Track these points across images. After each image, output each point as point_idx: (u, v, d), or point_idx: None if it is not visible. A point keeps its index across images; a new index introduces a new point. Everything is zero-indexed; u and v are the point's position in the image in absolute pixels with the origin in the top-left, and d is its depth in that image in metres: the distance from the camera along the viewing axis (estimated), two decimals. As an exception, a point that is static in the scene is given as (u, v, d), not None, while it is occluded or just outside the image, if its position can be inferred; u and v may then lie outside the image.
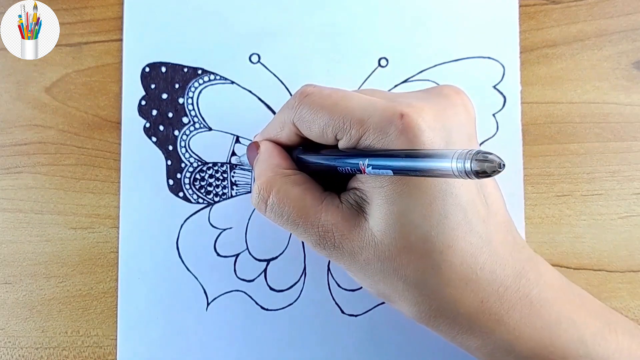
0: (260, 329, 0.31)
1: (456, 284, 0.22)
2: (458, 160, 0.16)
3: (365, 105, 0.22)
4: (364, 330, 0.30)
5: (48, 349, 0.31)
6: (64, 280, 0.31)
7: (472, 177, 0.16)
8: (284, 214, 0.24)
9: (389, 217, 0.22)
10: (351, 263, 0.23)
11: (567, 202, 0.31)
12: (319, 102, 0.23)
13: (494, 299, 0.22)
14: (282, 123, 0.25)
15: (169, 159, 0.32)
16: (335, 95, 0.23)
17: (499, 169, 0.15)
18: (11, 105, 0.32)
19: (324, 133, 0.23)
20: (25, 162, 0.32)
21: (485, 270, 0.22)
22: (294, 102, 0.24)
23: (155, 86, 0.32)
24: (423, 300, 0.23)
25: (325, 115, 0.23)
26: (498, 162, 0.15)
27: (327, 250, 0.24)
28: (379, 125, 0.21)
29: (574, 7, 0.31)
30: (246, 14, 0.32)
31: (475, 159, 0.16)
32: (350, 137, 0.22)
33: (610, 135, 0.31)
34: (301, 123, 0.24)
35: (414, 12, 0.32)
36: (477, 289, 0.22)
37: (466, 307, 0.22)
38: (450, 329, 0.23)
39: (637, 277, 0.30)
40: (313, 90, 0.24)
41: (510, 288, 0.22)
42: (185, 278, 0.31)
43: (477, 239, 0.22)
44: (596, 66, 0.31)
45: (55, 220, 0.32)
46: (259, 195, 0.25)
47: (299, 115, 0.24)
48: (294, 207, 0.24)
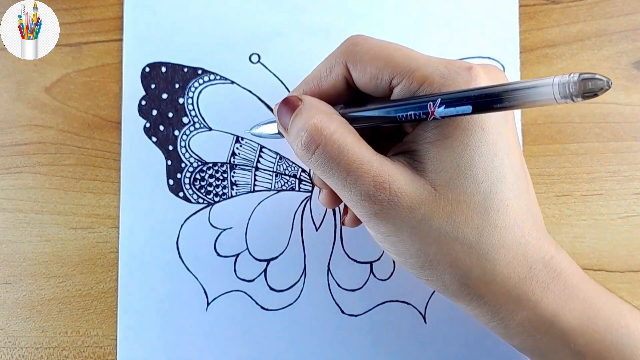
0: (260, 329, 0.31)
1: (510, 245, 0.22)
2: (560, 85, 0.16)
3: (427, 57, 0.22)
4: (364, 330, 0.30)
5: (48, 349, 0.31)
6: (64, 280, 0.31)
7: (576, 99, 0.16)
8: (337, 158, 0.21)
9: (452, 170, 0.21)
10: (404, 221, 0.22)
11: (567, 202, 0.31)
12: (377, 45, 0.23)
13: (541, 266, 0.22)
14: (330, 66, 0.24)
15: (169, 159, 0.32)
16: (392, 43, 0.23)
17: (607, 87, 0.16)
18: (11, 105, 0.32)
19: (377, 77, 0.22)
20: (25, 162, 0.32)
21: (532, 236, 0.22)
22: (348, 44, 0.23)
23: (156, 86, 0.32)
24: (477, 263, 0.22)
25: (383, 57, 0.22)
26: (606, 80, 0.16)
27: (378, 205, 0.21)
28: (446, 73, 0.21)
29: (574, 7, 0.31)
30: (246, 14, 0.32)
31: (582, 79, 0.16)
32: (412, 82, 0.21)
33: (610, 135, 0.31)
34: (355, 64, 0.23)
35: (414, 12, 0.32)
36: (526, 254, 0.22)
37: (516, 272, 0.22)
38: (496, 300, 0.22)
39: (637, 277, 0.30)
40: (367, 37, 0.23)
41: (554, 258, 0.22)
42: (185, 278, 0.31)
43: (525, 205, 0.22)
44: (596, 66, 0.31)
45: (55, 220, 0.32)
46: (310, 135, 0.22)
47: (353, 56, 0.23)
48: (349, 150, 0.21)
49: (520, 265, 0.22)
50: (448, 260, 0.22)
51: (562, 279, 0.22)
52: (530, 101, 0.18)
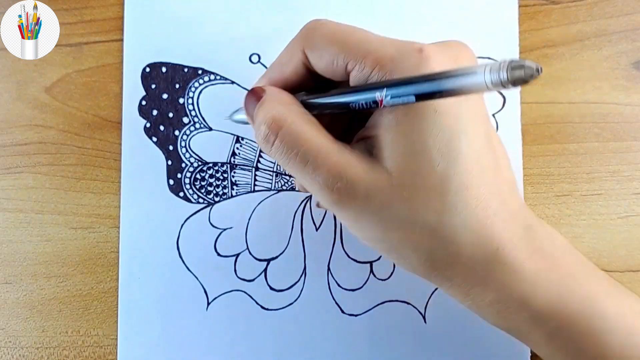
0: (260, 329, 0.31)
1: (473, 227, 0.21)
2: (492, 72, 0.16)
3: (381, 40, 0.22)
4: (364, 330, 0.31)
5: (48, 349, 0.31)
6: (64, 280, 0.31)
7: (507, 87, 0.16)
8: (295, 148, 0.22)
9: (407, 155, 0.21)
10: (363, 209, 0.22)
11: (566, 202, 0.31)
12: (332, 29, 0.23)
13: (510, 248, 0.21)
14: (290, 54, 0.24)
15: (170, 158, 0.32)
16: (347, 26, 0.23)
17: (537, 73, 0.15)
18: (11, 105, 0.32)
19: (334, 63, 0.22)
20: (26, 162, 0.32)
21: (499, 216, 0.21)
22: (306, 30, 0.23)
23: (156, 86, 0.32)
24: (440, 246, 0.21)
25: (337, 43, 0.22)
26: (535, 67, 0.15)
27: (337, 194, 0.21)
28: (396, 56, 0.21)
29: (574, 7, 0.32)
30: (246, 14, 0.32)
31: (512, 67, 0.15)
32: (364, 66, 0.21)
33: (609, 135, 0.31)
34: (312, 50, 0.23)
35: (413, 12, 0.32)
36: (493, 235, 0.21)
37: (482, 254, 0.21)
38: (464, 281, 0.22)
39: (637, 276, 0.30)
40: (325, 21, 0.23)
41: (524, 239, 0.22)
42: (185, 278, 0.31)
43: (489, 186, 0.22)
44: (596, 66, 0.31)
45: (56, 220, 0.32)
46: (269, 128, 0.22)
47: (310, 41, 0.23)
48: (306, 141, 0.22)
49: (486, 246, 0.21)
50: (411, 245, 0.22)
51: (533, 261, 0.22)
52: (465, 89, 0.17)
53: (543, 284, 0.22)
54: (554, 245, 0.23)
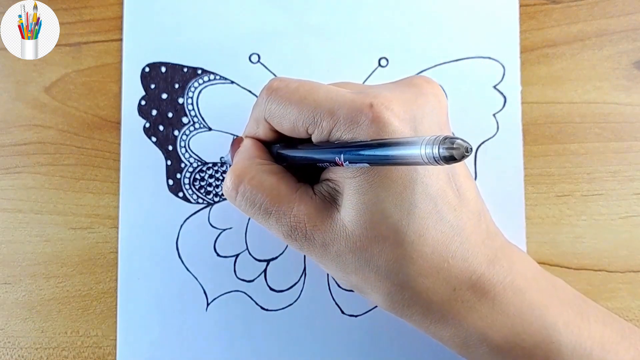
0: (260, 329, 0.31)
1: (428, 273, 0.22)
2: (426, 146, 0.16)
3: (334, 97, 0.22)
4: (364, 330, 0.30)
5: (48, 349, 0.31)
6: (63, 281, 0.31)
7: (441, 163, 0.16)
8: (257, 201, 0.24)
9: (360, 207, 0.22)
10: (323, 255, 0.23)
11: (567, 202, 0.31)
12: (287, 97, 0.23)
13: (466, 287, 0.22)
14: (256, 120, 0.26)
15: (169, 159, 0.32)
16: (302, 88, 0.23)
17: (466, 154, 0.15)
18: (11, 105, 0.32)
19: (295, 127, 0.23)
20: (25, 162, 0.32)
21: (456, 258, 0.22)
22: (262, 98, 0.24)
23: (155, 86, 0.32)
24: (396, 291, 0.22)
25: (294, 109, 0.23)
26: (465, 147, 0.15)
27: (299, 242, 0.23)
28: (349, 116, 0.21)
29: (574, 7, 0.31)
30: (246, 14, 0.32)
31: (442, 145, 0.15)
32: (322, 130, 0.22)
33: (610, 135, 0.31)
34: (272, 119, 0.24)
35: (414, 11, 0.32)
36: (449, 278, 0.22)
37: (439, 296, 0.22)
38: (423, 318, 0.23)
39: (638, 277, 0.30)
40: (280, 85, 0.24)
41: (483, 276, 0.22)
42: (185, 278, 0.31)
43: (448, 228, 0.22)
44: (596, 66, 0.31)
45: (55, 220, 0.32)
46: (232, 181, 0.24)
47: (268, 111, 0.24)
48: (267, 195, 0.23)
49: (442, 289, 0.22)
50: (370, 287, 0.23)
51: (489, 298, 0.22)
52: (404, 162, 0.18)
53: (499, 319, 0.22)
54: (517, 275, 0.23)
